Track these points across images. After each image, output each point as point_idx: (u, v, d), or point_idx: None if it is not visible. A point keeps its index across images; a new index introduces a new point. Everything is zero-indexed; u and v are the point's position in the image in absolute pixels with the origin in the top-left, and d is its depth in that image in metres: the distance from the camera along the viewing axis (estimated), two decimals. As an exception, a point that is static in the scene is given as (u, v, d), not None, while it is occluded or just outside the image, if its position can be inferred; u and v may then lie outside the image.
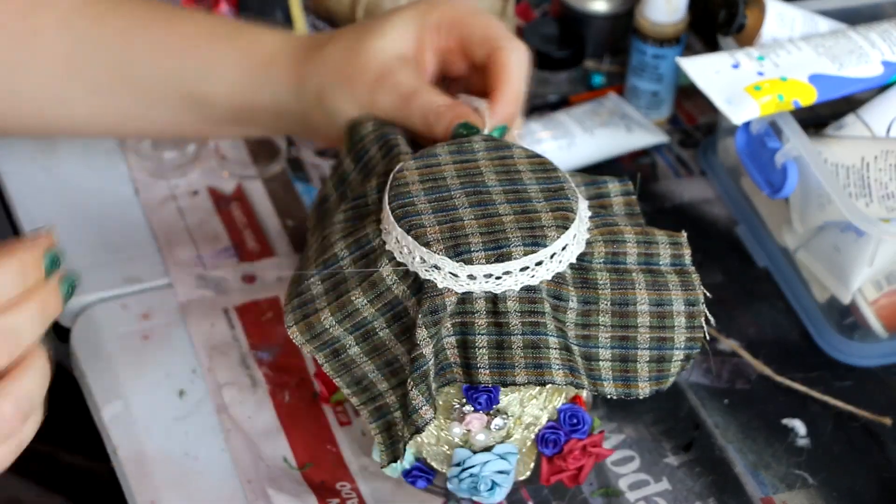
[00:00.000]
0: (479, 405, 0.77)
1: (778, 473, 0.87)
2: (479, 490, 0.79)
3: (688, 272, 0.79)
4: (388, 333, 0.76)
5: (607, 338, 0.78)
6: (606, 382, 0.78)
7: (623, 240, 0.79)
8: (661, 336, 0.78)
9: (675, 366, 0.79)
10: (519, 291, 0.75)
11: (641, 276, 0.78)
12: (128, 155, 1.04)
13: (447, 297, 0.75)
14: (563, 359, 0.75)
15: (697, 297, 0.79)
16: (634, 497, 0.85)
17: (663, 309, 0.78)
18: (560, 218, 0.76)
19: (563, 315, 0.76)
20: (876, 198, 0.90)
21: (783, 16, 0.98)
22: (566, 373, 0.75)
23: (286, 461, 0.85)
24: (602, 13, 1.12)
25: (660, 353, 0.78)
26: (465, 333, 0.75)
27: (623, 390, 0.78)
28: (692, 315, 0.79)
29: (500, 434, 0.79)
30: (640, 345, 0.78)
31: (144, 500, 0.83)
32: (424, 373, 0.74)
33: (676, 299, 0.78)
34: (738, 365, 0.93)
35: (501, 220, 0.76)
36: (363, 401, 0.77)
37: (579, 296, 0.77)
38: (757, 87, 0.91)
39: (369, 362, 0.77)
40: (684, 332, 0.78)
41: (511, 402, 0.78)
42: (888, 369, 0.94)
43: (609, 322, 0.78)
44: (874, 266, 0.90)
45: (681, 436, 0.89)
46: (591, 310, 0.77)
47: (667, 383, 0.79)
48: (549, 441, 0.80)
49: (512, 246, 0.74)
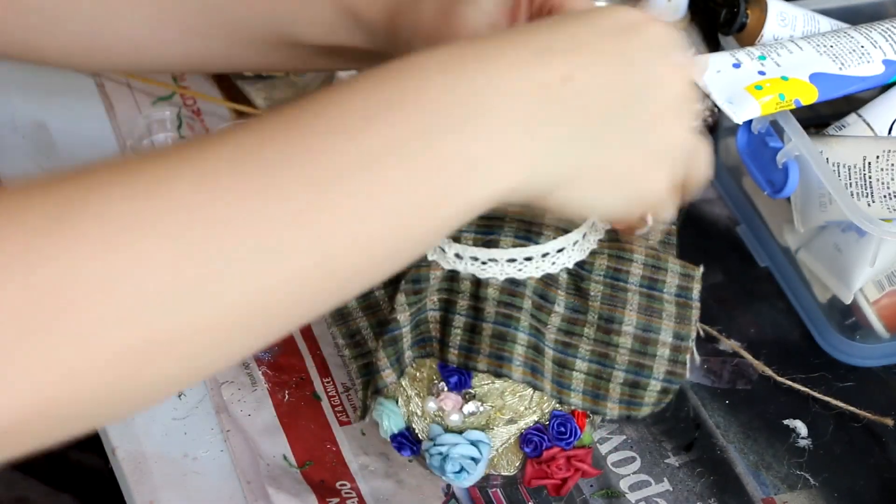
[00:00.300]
0: (450, 385, 0.78)
1: (779, 474, 0.87)
2: (446, 470, 0.80)
3: (689, 305, 0.79)
4: (383, 294, 0.79)
5: (587, 350, 0.78)
6: (574, 393, 0.79)
7: (629, 258, 0.79)
8: (640, 362, 0.78)
9: (651, 395, 0.79)
10: (503, 281, 0.76)
11: (636, 298, 0.78)
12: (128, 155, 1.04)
13: (433, 270, 0.77)
14: (526, 356, 0.76)
15: (688, 333, 0.79)
16: (635, 498, 0.85)
17: (649, 335, 0.78)
18: (564, 221, 0.76)
19: (546, 316, 0.77)
20: (878, 197, 0.90)
21: (784, 15, 0.97)
22: (526, 371, 0.76)
23: (286, 460, 0.85)
24: (603, 13, 1.12)
25: (635, 379, 0.79)
26: (448, 311, 0.78)
27: (590, 406, 0.79)
28: (678, 349, 0.78)
29: (474, 420, 0.79)
30: (616, 365, 0.78)
31: (143, 500, 0.82)
32: (395, 337, 0.77)
33: (666, 329, 0.78)
34: (739, 365, 0.93)
35: (505, 209, 0.76)
36: (354, 355, 0.81)
37: (568, 302, 0.78)
38: (758, 86, 0.90)
39: (364, 318, 0.80)
40: (665, 363, 0.78)
41: (491, 392, 0.79)
42: (890, 370, 0.93)
43: (592, 335, 0.78)
44: (876, 266, 0.89)
45: (682, 436, 0.88)
46: (577, 318, 0.78)
47: (640, 411, 0.79)
48: (531, 442, 0.80)
49: (502, 235, 0.75)
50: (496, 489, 0.84)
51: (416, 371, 0.80)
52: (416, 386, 0.81)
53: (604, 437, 0.88)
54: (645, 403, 0.79)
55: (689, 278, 0.80)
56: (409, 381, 0.80)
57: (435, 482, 0.84)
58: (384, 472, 0.85)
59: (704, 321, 0.94)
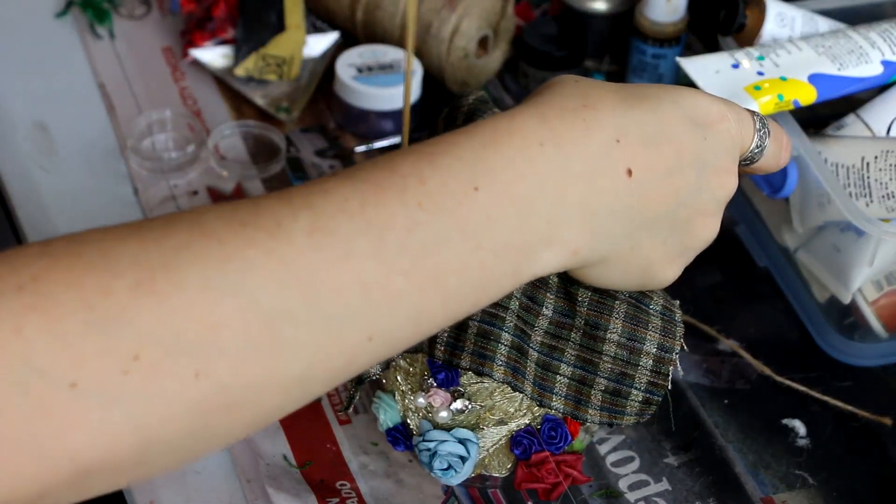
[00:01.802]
0: (438, 381, 0.78)
1: (778, 473, 0.87)
2: (434, 467, 0.80)
3: (674, 323, 0.80)
4: None
5: (573, 355, 0.78)
6: (556, 397, 0.79)
7: None
8: (623, 371, 0.78)
9: (632, 405, 0.79)
10: None
11: (623, 307, 0.78)
12: (128, 155, 1.04)
13: None
14: (509, 356, 0.76)
15: (673, 347, 0.79)
16: (634, 497, 0.85)
17: (633, 345, 0.78)
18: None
19: (533, 318, 0.77)
20: (876, 198, 0.90)
21: (783, 15, 0.98)
22: (507, 371, 0.76)
23: (286, 460, 0.85)
24: (602, 13, 1.12)
25: (617, 387, 0.79)
26: None
27: (571, 410, 0.79)
28: (661, 360, 0.78)
29: (462, 418, 0.80)
30: (600, 372, 0.78)
31: (143, 499, 0.83)
32: None
33: (651, 340, 0.78)
34: (737, 365, 0.93)
35: None
36: None
37: (556, 305, 0.78)
38: (757, 86, 0.90)
39: None
40: (647, 374, 0.78)
41: (480, 391, 0.79)
42: (888, 369, 0.94)
43: (578, 340, 0.78)
44: (874, 266, 0.89)
45: (681, 436, 0.89)
46: (564, 322, 0.78)
47: (622, 420, 0.79)
48: (521, 444, 0.80)
49: None
50: (496, 489, 0.84)
51: (409, 366, 0.80)
52: (409, 381, 0.81)
53: (603, 437, 0.88)
54: (627, 413, 0.79)
55: (670, 303, 0.81)
56: (403, 375, 0.80)
57: (435, 482, 0.84)
58: (384, 471, 0.85)
59: (704, 321, 0.94)
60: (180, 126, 1.06)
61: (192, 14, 1.13)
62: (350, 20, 1.11)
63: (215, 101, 1.10)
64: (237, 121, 1.07)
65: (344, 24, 1.12)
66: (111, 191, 1.02)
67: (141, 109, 1.08)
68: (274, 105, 1.08)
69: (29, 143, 1.05)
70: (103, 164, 1.04)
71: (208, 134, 1.06)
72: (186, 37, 1.12)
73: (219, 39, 1.11)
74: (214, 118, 1.08)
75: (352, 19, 1.11)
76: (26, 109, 1.07)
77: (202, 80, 1.11)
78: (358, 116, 1.06)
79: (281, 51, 1.09)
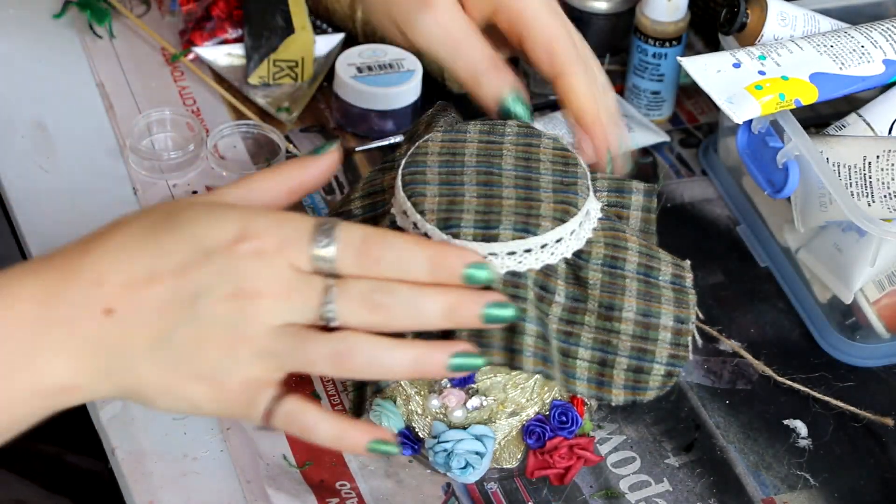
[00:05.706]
0: (454, 381, 0.78)
1: (779, 474, 0.87)
2: (452, 466, 0.80)
3: (685, 291, 0.80)
4: None
5: (589, 338, 0.78)
6: (580, 382, 0.79)
7: (625, 246, 0.80)
8: (643, 347, 0.79)
9: (655, 380, 0.79)
10: (504, 275, 0.76)
11: (634, 285, 0.79)
12: (127, 155, 1.04)
13: None
14: (537, 346, 0.76)
15: (688, 316, 0.79)
16: (635, 498, 0.85)
17: (649, 320, 0.78)
18: (560, 211, 0.77)
19: (547, 307, 0.77)
20: (878, 197, 0.90)
21: (784, 15, 0.97)
22: (538, 361, 0.76)
23: (285, 460, 0.85)
24: (603, 12, 1.12)
25: (638, 364, 0.79)
26: None
27: (596, 392, 0.79)
28: (679, 332, 0.79)
29: (477, 415, 0.80)
30: (619, 351, 0.79)
31: (143, 500, 0.82)
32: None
33: (666, 313, 0.79)
34: (739, 365, 0.93)
35: (501, 202, 0.77)
36: None
37: (568, 291, 0.78)
38: (758, 86, 0.90)
39: None
40: (668, 347, 0.79)
41: (494, 386, 0.79)
42: (890, 370, 0.93)
43: (594, 323, 0.78)
44: (876, 266, 0.89)
45: (682, 436, 0.88)
46: (577, 307, 0.78)
47: (645, 395, 0.80)
48: (534, 433, 0.81)
49: (501, 228, 0.75)
50: (495, 489, 0.84)
51: None
52: (416, 384, 0.81)
53: (604, 437, 0.88)
54: (650, 388, 0.79)
55: (681, 268, 0.81)
56: (409, 380, 0.80)
57: (435, 481, 0.84)
58: (384, 471, 0.85)
59: (705, 321, 0.94)
60: (179, 126, 1.06)
61: (191, 13, 1.12)
62: (350, 19, 1.11)
63: (215, 100, 1.10)
64: (236, 121, 1.07)
65: (344, 23, 1.12)
66: (110, 190, 1.02)
67: (140, 109, 1.08)
68: (275, 105, 1.08)
69: (28, 142, 1.05)
70: (102, 164, 1.04)
71: (207, 134, 1.06)
72: (185, 36, 1.12)
73: (218, 39, 1.11)
74: (214, 118, 1.08)
75: (352, 19, 1.11)
76: (25, 109, 1.07)
77: (201, 79, 1.11)
78: (358, 116, 1.06)
79: (292, 54, 1.09)
